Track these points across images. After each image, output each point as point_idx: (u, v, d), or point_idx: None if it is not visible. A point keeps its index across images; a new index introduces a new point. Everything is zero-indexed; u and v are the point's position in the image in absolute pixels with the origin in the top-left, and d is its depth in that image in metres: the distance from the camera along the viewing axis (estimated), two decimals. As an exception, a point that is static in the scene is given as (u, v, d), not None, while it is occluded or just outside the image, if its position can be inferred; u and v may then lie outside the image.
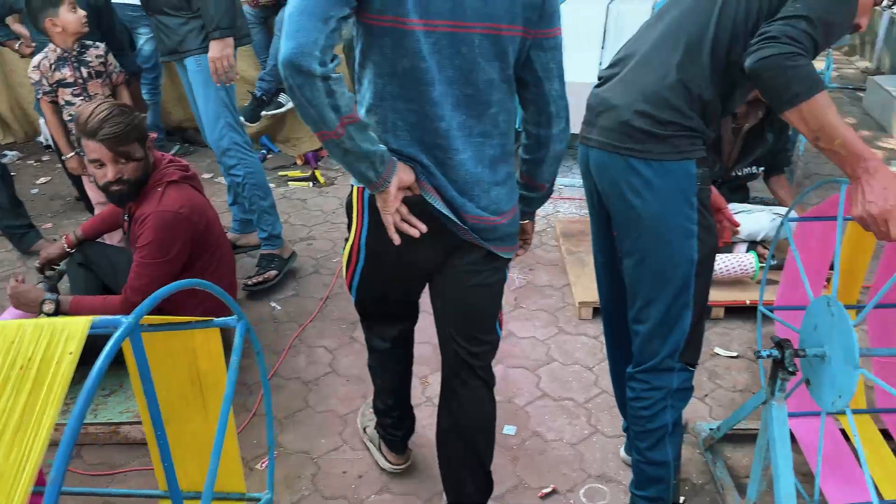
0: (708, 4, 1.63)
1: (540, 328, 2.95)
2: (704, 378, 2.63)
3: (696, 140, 1.64)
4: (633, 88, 1.67)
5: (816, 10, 1.46)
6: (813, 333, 1.77)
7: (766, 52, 1.42)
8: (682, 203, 1.64)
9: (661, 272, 1.71)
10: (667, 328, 1.75)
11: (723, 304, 2.95)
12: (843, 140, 1.44)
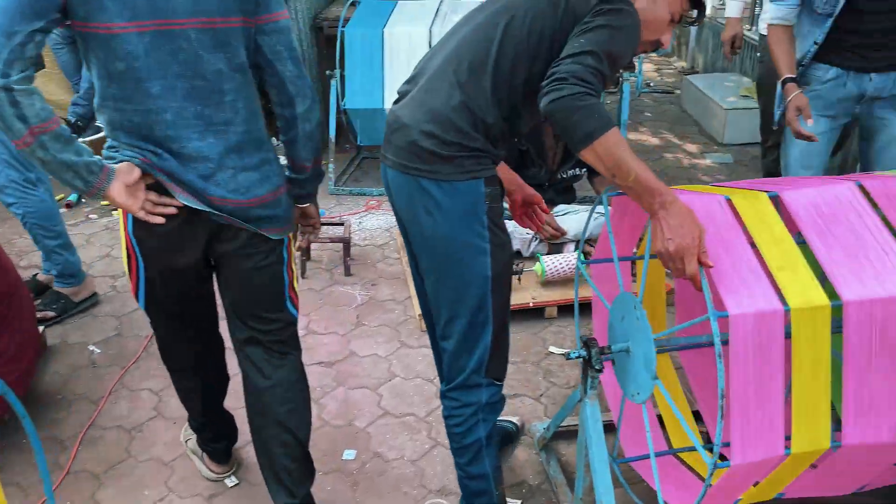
0: (492, 27, 1.65)
1: (382, 344, 2.92)
2: (539, 377, 2.70)
3: (484, 160, 1.66)
4: (421, 108, 1.67)
5: (600, 43, 1.50)
6: (621, 323, 1.84)
7: (555, 95, 1.44)
8: (472, 222, 1.66)
9: (457, 290, 1.72)
10: (470, 345, 1.77)
11: (553, 303, 3.04)
12: (636, 176, 1.45)
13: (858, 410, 1.51)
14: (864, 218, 1.55)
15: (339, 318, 3.10)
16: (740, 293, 1.42)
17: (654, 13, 1.67)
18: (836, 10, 2.37)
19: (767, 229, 1.53)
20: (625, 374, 1.81)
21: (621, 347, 1.78)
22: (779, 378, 1.46)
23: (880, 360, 1.49)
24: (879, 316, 1.46)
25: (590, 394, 1.81)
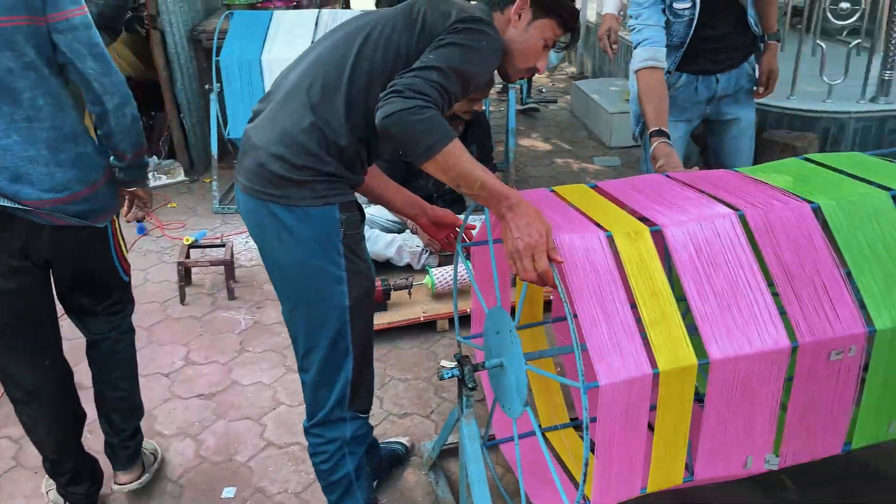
0: (347, 46, 1.60)
1: (267, 371, 2.79)
2: (431, 393, 2.64)
3: (338, 185, 1.60)
4: (271, 129, 1.59)
5: (448, 59, 1.47)
6: (496, 337, 1.80)
7: (389, 109, 1.40)
8: (327, 249, 1.60)
9: (313, 320, 1.65)
10: (330, 377, 1.70)
11: (444, 315, 3.00)
12: (482, 183, 1.45)
13: (713, 448, 1.59)
14: (741, 258, 1.56)
15: (220, 345, 2.95)
16: (612, 360, 1.42)
17: (526, 42, 1.68)
18: (686, 40, 2.48)
19: (647, 278, 1.52)
20: (499, 387, 1.78)
21: (494, 363, 1.75)
22: (643, 431, 1.50)
23: (739, 405, 1.55)
24: (743, 371, 1.51)
25: (466, 412, 1.77)
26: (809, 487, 2.10)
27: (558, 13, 1.68)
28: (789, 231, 1.61)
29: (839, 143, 3.65)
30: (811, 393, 1.61)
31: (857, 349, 1.58)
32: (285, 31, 4.07)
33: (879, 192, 1.71)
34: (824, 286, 1.57)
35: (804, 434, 1.66)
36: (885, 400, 1.69)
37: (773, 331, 1.50)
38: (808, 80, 3.87)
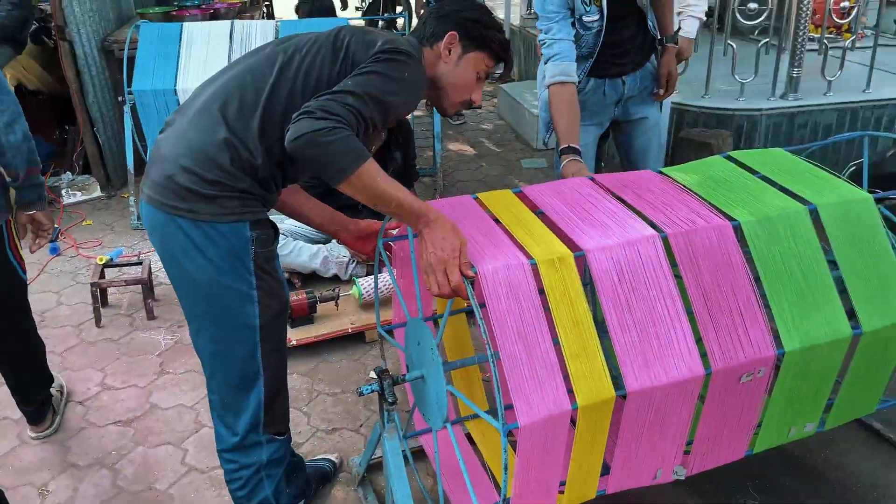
0: (267, 67, 1.57)
1: (188, 392, 2.69)
2: (360, 407, 2.59)
3: (250, 202, 1.55)
4: (183, 141, 1.54)
5: (366, 86, 1.46)
6: (417, 348, 1.77)
7: (298, 130, 1.37)
8: (237, 267, 1.55)
9: (220, 340, 1.60)
10: (240, 400, 1.64)
11: (373, 326, 2.95)
12: (398, 202, 1.44)
13: (625, 464, 1.63)
14: (662, 285, 1.58)
15: (139, 368, 2.83)
16: (531, 398, 1.42)
17: (458, 76, 1.70)
18: (595, 50, 2.52)
19: (569, 307, 1.51)
20: (420, 397, 1.76)
21: (415, 375, 1.72)
22: (558, 466, 1.52)
23: (652, 427, 1.59)
24: (658, 400, 1.54)
25: (388, 427, 1.73)
26: (726, 476, 2.14)
27: (488, 46, 1.70)
28: (710, 252, 1.63)
29: (752, 140, 3.77)
30: (720, 411, 1.66)
31: (766, 370, 1.63)
32: (199, 48, 3.92)
33: (798, 207, 1.73)
34: (739, 309, 1.61)
35: (711, 445, 1.72)
36: (788, 411, 1.76)
37: (689, 359, 1.54)
38: (721, 80, 3.98)
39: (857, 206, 1.78)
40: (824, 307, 1.66)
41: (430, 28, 1.70)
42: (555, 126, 2.34)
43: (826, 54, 3.84)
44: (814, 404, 1.78)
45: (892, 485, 2.13)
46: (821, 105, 3.78)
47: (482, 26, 1.69)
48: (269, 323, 1.62)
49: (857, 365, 1.79)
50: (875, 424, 2.33)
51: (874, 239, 1.76)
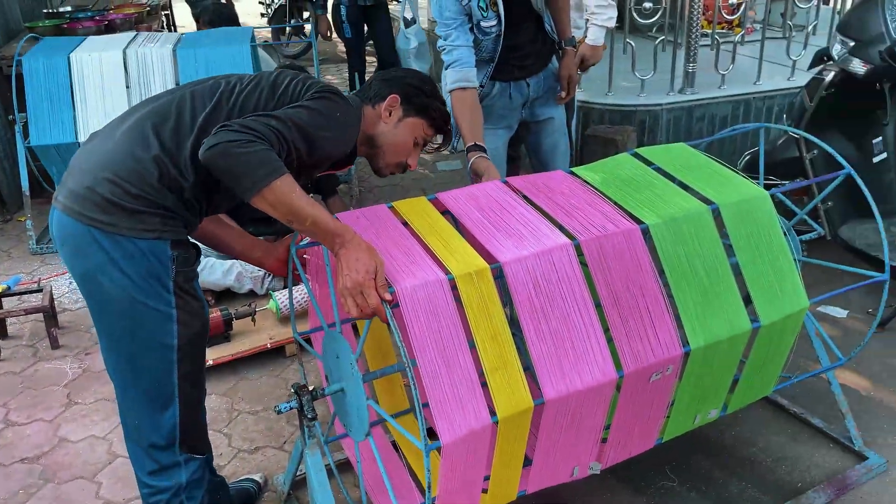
0: (209, 95, 1.58)
1: (99, 423, 2.57)
2: (283, 423, 2.54)
3: (173, 221, 1.53)
4: (110, 154, 1.51)
5: (293, 115, 1.49)
6: (336, 361, 1.75)
7: (214, 140, 1.37)
8: (155, 285, 1.52)
9: (133, 359, 1.56)
10: (154, 420, 1.60)
11: (289, 341, 2.90)
12: (313, 220, 1.43)
13: (544, 465, 1.67)
14: (575, 292, 1.61)
15: (45, 400, 2.69)
16: (453, 416, 1.44)
17: (396, 138, 1.75)
18: (495, 54, 2.55)
19: (487, 321, 1.53)
20: (341, 409, 1.74)
21: (335, 389, 1.70)
22: (481, 470, 1.55)
23: (568, 430, 1.64)
24: (573, 405, 1.59)
25: (309, 444, 1.71)
26: (644, 461, 2.21)
27: (428, 114, 1.77)
28: (620, 256, 1.68)
29: (655, 133, 3.92)
30: (632, 408, 1.72)
31: (674, 368, 1.70)
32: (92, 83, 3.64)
33: (701, 207, 1.80)
34: (649, 311, 1.67)
35: (624, 439, 1.78)
36: (693, 401, 1.84)
37: (602, 364, 1.59)
38: (623, 77, 4.11)
39: (755, 204, 1.86)
40: (726, 304, 1.74)
41: (374, 89, 1.78)
42: (459, 128, 2.38)
43: (718, 49, 4.03)
44: (717, 393, 1.87)
45: (799, 457, 2.25)
46: (716, 98, 3.96)
47: (424, 94, 1.76)
48: (188, 343, 1.59)
49: (756, 353, 1.88)
50: (780, 400, 2.46)
51: (770, 234, 1.85)
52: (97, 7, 5.65)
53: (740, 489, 2.14)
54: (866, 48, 2.73)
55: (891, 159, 2.98)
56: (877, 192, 2.92)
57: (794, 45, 4.26)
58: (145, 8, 5.65)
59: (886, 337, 2.81)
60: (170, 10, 7.27)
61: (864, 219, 2.87)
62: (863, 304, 3.04)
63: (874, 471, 2.16)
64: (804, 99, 2.92)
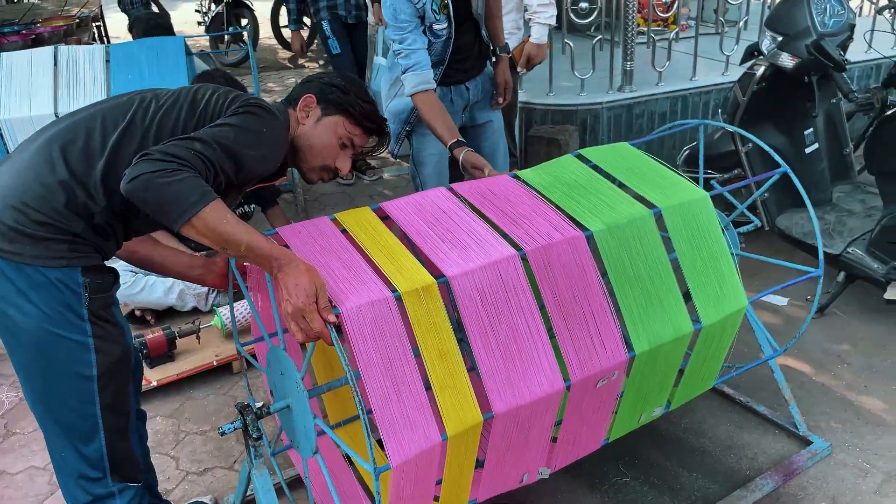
0: (121, 114, 1.51)
1: (39, 453, 2.47)
2: (233, 442, 2.48)
3: (83, 248, 1.46)
4: (15, 179, 1.44)
5: (217, 135, 1.43)
6: (280, 378, 1.72)
7: (135, 172, 1.31)
8: (67, 315, 1.45)
9: (51, 391, 1.50)
10: (80, 452, 1.54)
11: (235, 357, 2.83)
12: (247, 245, 1.39)
13: (493, 474, 1.67)
14: (522, 303, 1.60)
15: (-21, 433, 2.57)
16: (402, 436, 1.42)
17: (315, 139, 1.68)
18: (445, 58, 2.55)
19: (435, 338, 1.51)
20: (287, 425, 1.71)
21: (280, 406, 1.66)
22: (432, 481, 1.54)
23: (517, 440, 1.64)
24: (523, 416, 1.59)
25: (256, 463, 1.67)
26: (597, 458, 2.23)
27: (346, 111, 1.69)
28: (566, 264, 1.68)
29: (596, 132, 3.96)
30: (579, 414, 1.73)
31: (619, 373, 1.71)
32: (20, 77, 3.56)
33: (644, 212, 1.81)
34: (594, 317, 1.68)
35: (571, 442, 1.79)
36: (638, 401, 1.87)
37: (550, 374, 1.59)
38: (563, 77, 4.15)
39: (696, 206, 1.88)
40: (669, 307, 1.76)
41: (294, 93, 1.73)
42: (433, 129, 2.39)
43: (654, 47, 4.10)
44: (661, 392, 1.90)
45: (746, 445, 2.30)
46: (654, 95, 4.03)
47: (340, 90, 1.69)
48: (108, 371, 1.52)
49: (698, 352, 1.91)
50: (727, 390, 2.50)
51: (710, 236, 1.88)
52: (24, 20, 5.46)
53: (691, 480, 2.17)
54: (794, 42, 2.81)
55: (822, 150, 3.07)
56: (810, 182, 3.02)
57: (727, 40, 4.36)
58: (75, 20, 5.48)
59: (825, 323, 2.90)
60: (102, 21, 7.07)
61: (800, 208, 2.96)
62: (802, 291, 3.12)
63: (819, 454, 2.21)
64: (737, 94, 2.98)
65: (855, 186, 3.15)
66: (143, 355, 2.68)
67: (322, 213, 4.32)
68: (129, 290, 2.95)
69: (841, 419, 2.38)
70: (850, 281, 2.86)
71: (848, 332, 2.84)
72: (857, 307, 2.98)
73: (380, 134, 1.79)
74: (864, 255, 2.74)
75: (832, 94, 3.06)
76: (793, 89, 2.96)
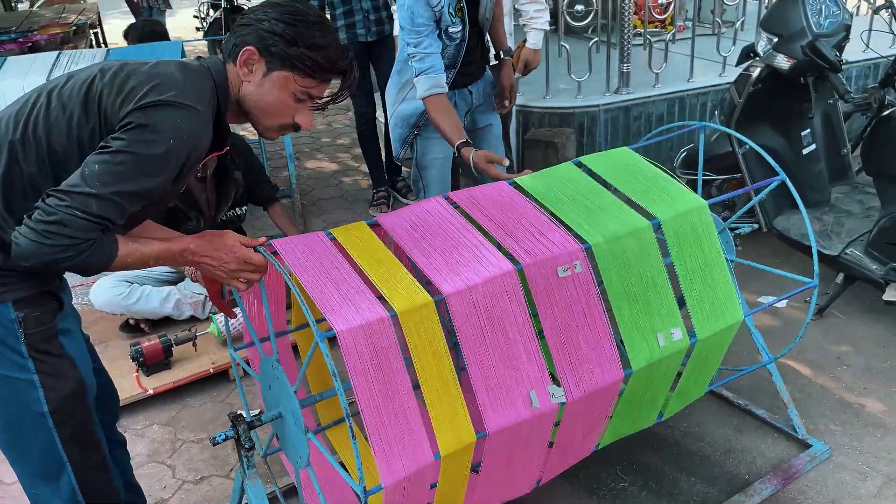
0: (13, 123, 1.37)
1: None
2: (229, 450, 2.46)
3: (9, 279, 1.38)
4: None
5: (113, 182, 1.27)
6: (269, 392, 1.72)
7: (27, 252, 1.26)
8: (5, 352, 1.40)
9: (9, 431, 1.47)
10: (50, 491, 1.51)
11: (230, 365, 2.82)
12: (155, 256, 1.43)
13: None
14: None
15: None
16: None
17: (264, 97, 1.45)
18: (457, 61, 2.54)
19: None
20: (286, 441, 1.69)
21: (273, 415, 1.66)
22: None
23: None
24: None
25: (249, 473, 1.66)
26: (595, 463, 2.22)
27: (293, 65, 1.42)
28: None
29: (594, 134, 3.95)
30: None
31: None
32: (14, 81, 3.58)
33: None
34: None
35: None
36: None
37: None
38: (560, 79, 4.14)
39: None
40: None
41: (231, 40, 1.46)
42: (443, 130, 2.39)
43: (651, 48, 4.09)
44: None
45: (745, 449, 2.28)
46: (651, 97, 4.02)
47: (284, 41, 1.41)
48: (62, 406, 1.46)
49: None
50: (725, 393, 2.49)
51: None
52: (21, 28, 5.47)
53: (690, 484, 2.16)
54: (789, 43, 2.79)
55: (819, 150, 3.06)
56: (807, 183, 3.00)
57: (723, 41, 4.35)
58: (72, 27, 5.49)
59: (824, 324, 2.88)
60: (99, 28, 7.08)
61: (798, 210, 2.94)
62: (800, 293, 3.11)
63: (818, 458, 2.20)
64: (733, 95, 2.97)
65: (853, 187, 3.14)
66: (140, 363, 2.67)
67: (320, 217, 4.32)
68: (125, 301, 2.94)
69: (840, 422, 2.37)
70: (848, 282, 2.85)
71: (847, 333, 2.82)
72: (856, 308, 2.96)
73: (342, 75, 1.50)
74: (862, 256, 2.72)
75: (829, 95, 3.05)
76: (789, 90, 2.95)
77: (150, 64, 1.40)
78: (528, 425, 1.57)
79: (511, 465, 1.65)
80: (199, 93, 1.38)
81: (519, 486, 1.81)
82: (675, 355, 1.76)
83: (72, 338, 1.52)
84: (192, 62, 1.46)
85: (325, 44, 1.45)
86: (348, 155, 5.49)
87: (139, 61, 1.41)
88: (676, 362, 1.80)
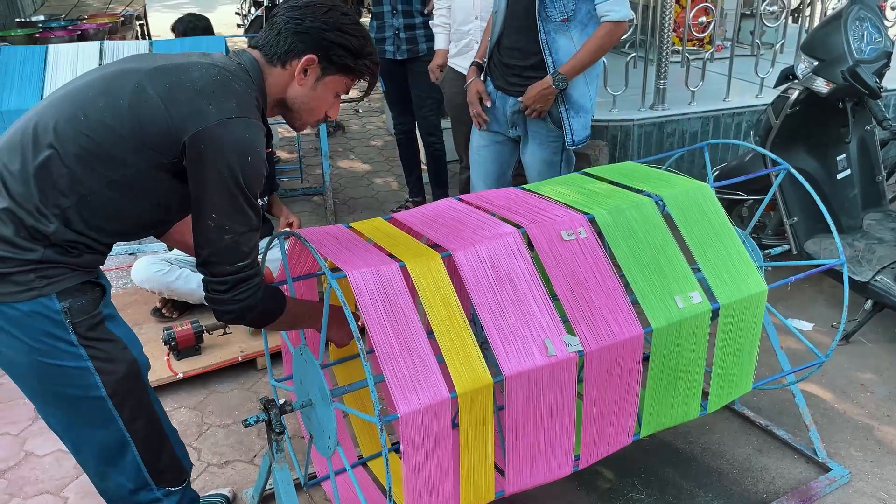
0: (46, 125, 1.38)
1: (67, 436, 2.53)
2: (253, 436, 2.53)
3: (51, 272, 1.39)
4: None
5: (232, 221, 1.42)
6: (300, 386, 1.77)
7: (230, 309, 1.49)
8: (56, 344, 1.41)
9: (69, 417, 1.50)
10: (115, 470, 1.56)
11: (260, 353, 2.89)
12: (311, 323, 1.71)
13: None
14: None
15: (11, 414, 2.65)
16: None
17: (315, 98, 1.54)
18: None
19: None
20: (311, 426, 1.74)
21: (304, 402, 1.70)
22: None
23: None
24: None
25: (277, 457, 1.70)
26: (613, 473, 2.23)
27: (354, 71, 1.54)
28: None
29: (626, 148, 3.97)
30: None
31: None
32: (65, 70, 3.70)
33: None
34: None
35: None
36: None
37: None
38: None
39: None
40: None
41: (284, 44, 1.48)
42: None
43: (688, 66, 4.10)
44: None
45: (765, 468, 2.29)
46: (686, 114, 4.02)
47: (351, 55, 1.50)
48: (119, 389, 1.50)
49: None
50: (747, 412, 2.49)
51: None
52: (70, 16, 5.62)
53: (707, 500, 2.16)
54: (829, 68, 2.80)
55: (854, 176, 3.05)
56: (840, 208, 3.00)
57: (762, 62, 4.35)
58: (119, 18, 5.62)
59: (850, 350, 2.87)
60: (145, 20, 7.24)
61: (829, 234, 2.94)
62: (827, 317, 3.10)
63: (837, 482, 2.20)
64: (770, 116, 2.98)
65: (886, 215, 3.12)
66: (172, 347, 2.74)
67: (350, 216, 4.38)
68: (165, 278, 2.99)
69: (861, 447, 2.36)
70: (877, 309, 2.84)
71: (873, 360, 2.81)
72: (882, 336, 2.95)
73: (373, 76, 1.61)
74: (892, 284, 2.71)
75: (866, 121, 3.04)
76: (827, 114, 2.95)
77: (195, 71, 1.41)
78: (547, 373, 1.56)
79: (538, 428, 1.63)
80: (249, 102, 1.45)
81: (555, 463, 1.77)
82: (698, 318, 1.74)
83: (118, 321, 1.55)
84: (229, 65, 1.47)
85: (373, 50, 1.57)
86: (381, 157, 5.56)
87: (185, 65, 1.43)
88: (703, 330, 1.77)
